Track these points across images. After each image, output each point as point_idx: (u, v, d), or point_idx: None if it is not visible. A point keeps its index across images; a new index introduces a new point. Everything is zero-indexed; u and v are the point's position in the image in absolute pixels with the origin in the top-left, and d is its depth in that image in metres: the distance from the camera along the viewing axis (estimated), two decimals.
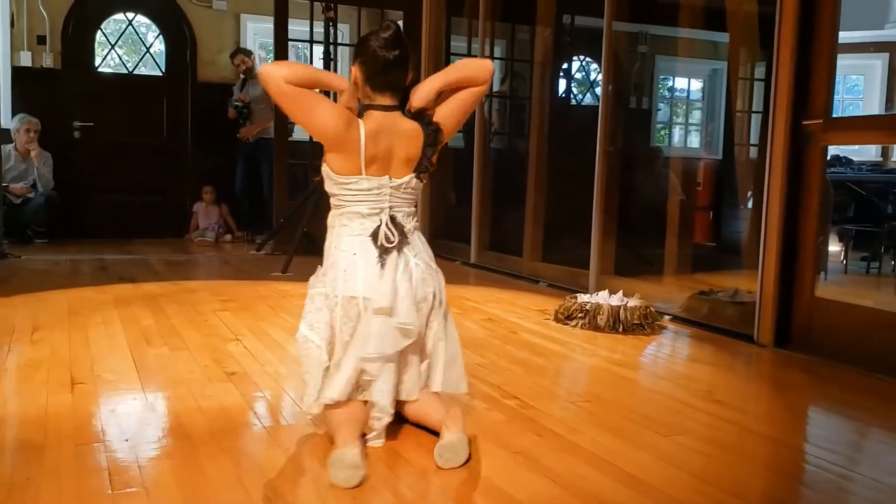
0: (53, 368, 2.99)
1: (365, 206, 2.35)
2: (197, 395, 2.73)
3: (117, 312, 4.09)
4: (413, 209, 2.44)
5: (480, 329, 4.00)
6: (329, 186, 2.39)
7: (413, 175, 2.39)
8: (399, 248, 2.35)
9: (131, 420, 2.49)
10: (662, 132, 9.58)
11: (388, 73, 2.32)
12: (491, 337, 3.82)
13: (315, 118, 2.29)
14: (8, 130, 6.97)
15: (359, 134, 2.28)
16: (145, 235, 7.60)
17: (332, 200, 2.41)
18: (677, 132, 9.70)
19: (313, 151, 6.81)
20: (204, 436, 2.34)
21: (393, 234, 2.33)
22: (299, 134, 7.54)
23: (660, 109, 9.37)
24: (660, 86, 9.32)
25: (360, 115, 2.34)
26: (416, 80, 2.43)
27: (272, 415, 2.63)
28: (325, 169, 2.37)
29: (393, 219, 2.36)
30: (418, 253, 2.41)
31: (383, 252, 2.33)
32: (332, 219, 2.42)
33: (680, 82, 9.57)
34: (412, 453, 2.25)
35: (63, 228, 7.19)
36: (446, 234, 7.12)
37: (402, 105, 2.38)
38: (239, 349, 3.41)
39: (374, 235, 2.33)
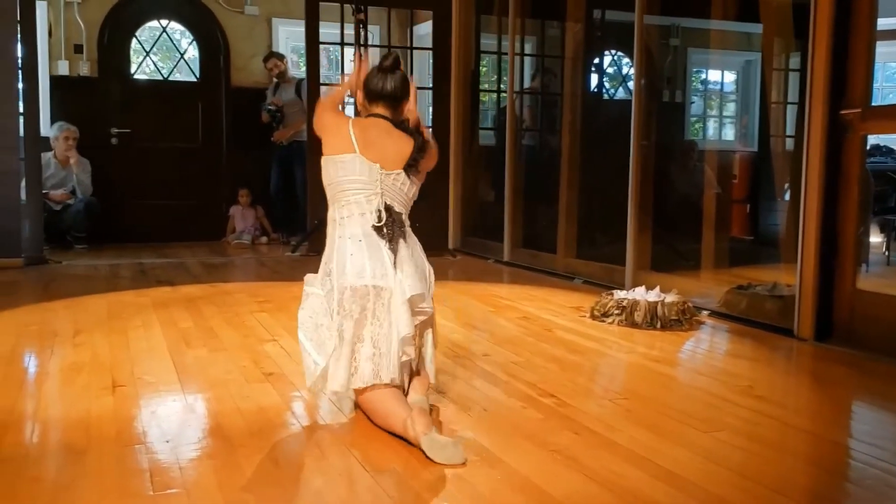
0: (95, 371, 3.04)
1: (361, 195, 2.52)
2: (235, 395, 2.76)
3: (156, 315, 4.14)
4: (406, 211, 2.62)
5: (515, 327, 3.99)
6: (326, 177, 2.61)
7: (403, 171, 2.56)
8: (401, 237, 2.56)
9: (171, 421, 2.53)
10: (696, 125, 9.48)
11: (382, 87, 2.61)
12: (526, 335, 3.80)
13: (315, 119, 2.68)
14: (47, 138, 7.10)
15: (347, 120, 2.59)
16: (183, 239, 7.69)
17: (329, 193, 2.63)
18: (711, 125, 9.59)
19: None
20: (243, 436, 2.36)
21: (388, 215, 2.52)
22: None
23: (693, 102, 9.27)
24: (693, 79, 9.22)
25: None
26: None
27: (310, 415, 2.65)
28: (322, 160, 2.61)
29: (389, 208, 2.54)
30: (414, 245, 2.63)
31: (390, 240, 2.51)
32: (333, 212, 2.63)
33: (713, 75, 9.45)
34: None
35: (102, 234, 7.30)
36: (478, 232, 7.12)
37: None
38: (276, 350, 3.44)
39: (378, 225, 2.52)
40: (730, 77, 9.48)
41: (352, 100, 2.81)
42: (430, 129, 2.84)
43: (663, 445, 2.32)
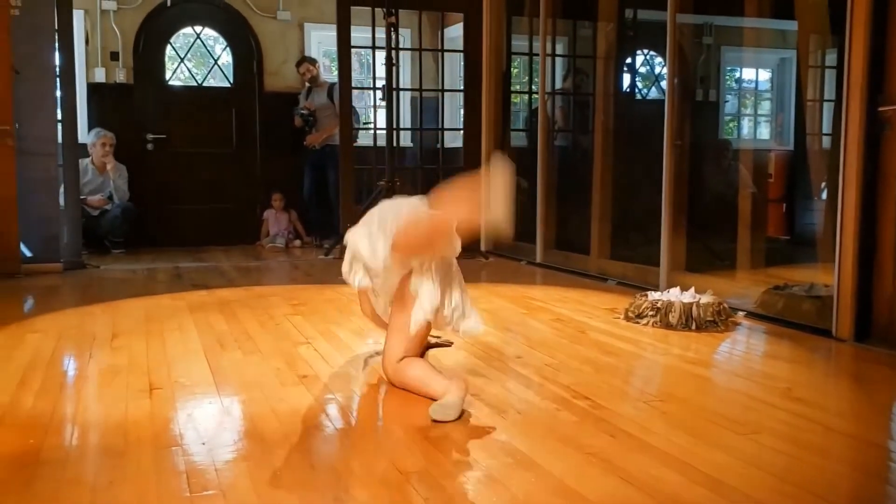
0: (132, 374, 3.08)
1: None
2: (270, 398, 2.77)
3: (192, 318, 4.19)
4: None
5: (549, 329, 3.97)
6: None
7: None
8: None
9: (207, 424, 2.55)
10: (731, 124, 9.38)
11: None
12: (559, 337, 3.78)
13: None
14: (85, 145, 7.21)
15: None
16: (218, 243, 7.77)
17: None
18: (746, 123, 9.48)
19: (377, 157, 6.87)
20: (278, 438, 2.37)
21: None
22: (364, 140, 7.63)
23: (727, 101, 9.17)
24: (727, 77, 9.12)
25: None
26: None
27: (344, 417, 2.66)
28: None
29: None
30: None
31: None
32: None
33: (747, 73, 9.34)
34: (478, 452, 2.24)
35: (139, 238, 7.40)
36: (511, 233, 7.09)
37: None
38: (310, 352, 3.46)
39: None
40: (764, 75, 9.37)
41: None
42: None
43: (701, 448, 2.29)
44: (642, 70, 8.49)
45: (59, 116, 5.99)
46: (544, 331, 3.93)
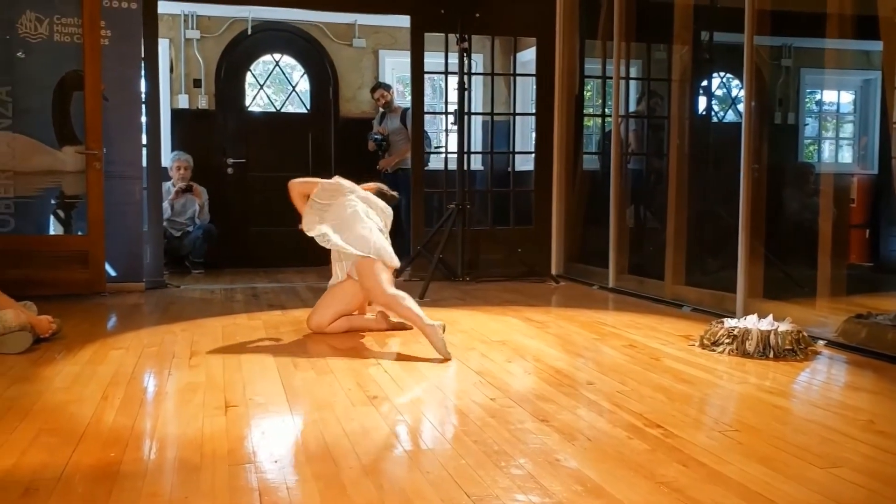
0: (209, 392, 3.16)
1: None
2: (341, 417, 2.81)
3: (267, 338, 4.28)
4: None
5: (621, 355, 3.92)
6: None
7: None
8: None
9: (280, 442, 2.60)
10: (811, 148, 9.14)
11: None
12: (632, 363, 3.73)
13: None
14: (167, 169, 7.45)
15: None
16: (293, 264, 7.91)
17: None
18: (827, 147, 9.23)
19: (448, 180, 6.93)
20: (348, 458, 2.40)
21: None
22: (435, 163, 7.70)
23: (807, 124, 8.95)
24: (807, 99, 8.90)
25: None
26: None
27: (412, 439, 2.67)
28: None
29: None
30: None
31: None
32: None
33: (829, 95, 9.11)
34: (547, 479, 2.22)
35: (219, 259, 7.59)
36: (582, 257, 7.05)
37: None
38: (379, 373, 3.49)
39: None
40: (846, 97, 9.11)
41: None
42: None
43: (777, 480, 2.23)
44: (718, 93, 8.36)
45: (144, 141, 6.21)
46: (616, 357, 3.88)
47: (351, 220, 4.34)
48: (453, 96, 6.90)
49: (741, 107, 5.49)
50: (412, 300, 4.07)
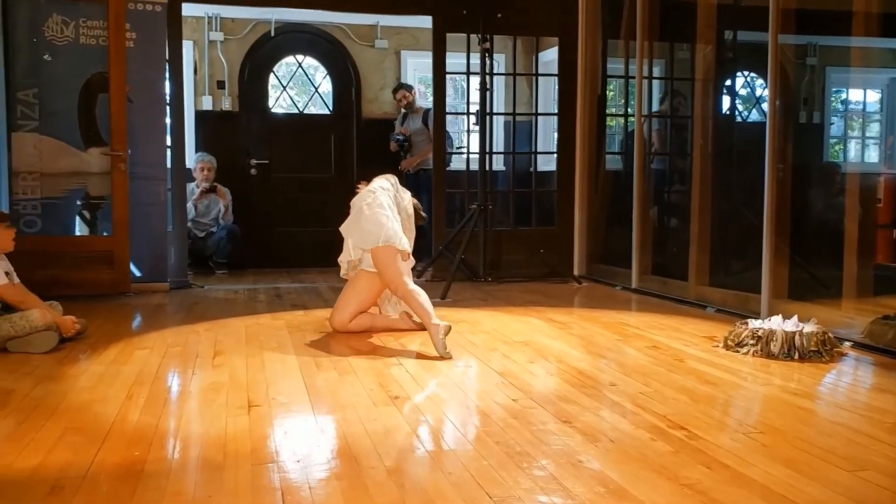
0: (232, 391, 3.18)
1: None
2: (363, 417, 2.82)
3: (290, 338, 4.30)
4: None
5: (644, 357, 3.90)
6: None
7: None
8: None
9: (302, 441, 2.61)
10: (836, 147, 9.04)
11: None
12: (655, 365, 3.71)
13: None
14: (191, 170, 7.51)
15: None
16: (316, 264, 7.94)
17: None
18: (853, 146, 9.12)
19: (469, 181, 6.92)
20: (370, 458, 2.41)
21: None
22: (457, 164, 7.70)
23: (833, 123, 8.85)
24: (832, 98, 8.81)
25: None
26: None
27: (434, 439, 2.67)
28: None
29: None
30: None
31: None
32: None
33: (854, 94, 9.00)
34: (570, 480, 2.21)
35: (242, 259, 7.64)
36: (605, 258, 7.02)
37: None
38: (401, 373, 3.49)
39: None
40: (873, 96, 9.00)
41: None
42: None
43: (802, 483, 2.21)
44: (742, 92, 8.29)
45: (168, 142, 6.26)
46: (639, 358, 3.86)
47: (357, 215, 4.42)
48: (475, 97, 6.90)
49: (765, 106, 5.44)
50: (426, 297, 4.13)
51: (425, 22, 7.21)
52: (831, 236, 5.35)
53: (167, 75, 6.20)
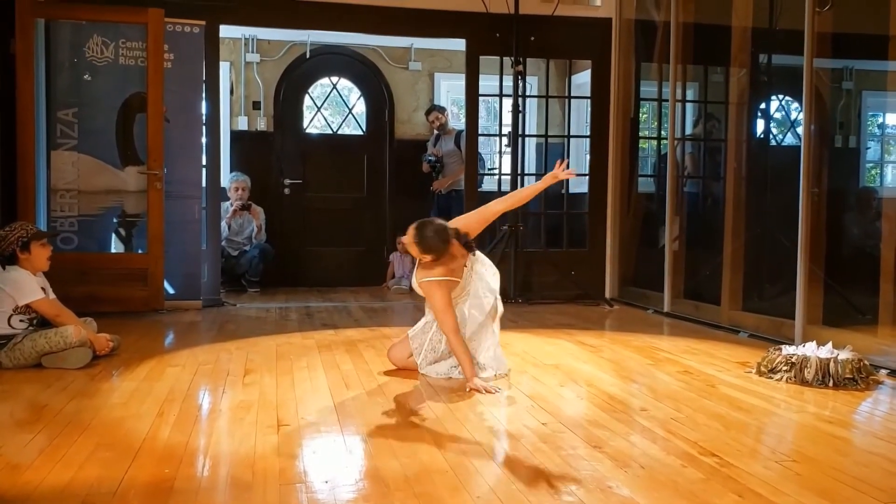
0: (262, 410, 3.20)
1: None
2: (391, 438, 2.81)
3: (320, 357, 4.31)
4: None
5: (676, 382, 3.86)
6: None
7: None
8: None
9: (331, 462, 2.61)
10: (873, 171, 8.92)
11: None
12: (687, 390, 3.67)
13: None
14: (226, 189, 7.60)
15: None
16: (347, 284, 7.99)
17: None
18: (890, 171, 9.00)
19: None
20: (398, 480, 2.40)
21: None
22: (488, 185, 7.71)
23: (869, 147, 8.75)
24: (868, 122, 8.71)
25: None
26: None
27: (462, 462, 2.66)
28: None
29: None
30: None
31: None
32: None
33: (891, 118, 8.89)
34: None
35: (274, 278, 7.70)
36: (637, 281, 6.97)
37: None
38: (430, 394, 3.49)
39: None
40: None
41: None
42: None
43: None
44: (777, 116, 8.23)
45: (204, 162, 6.35)
46: (671, 383, 3.82)
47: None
48: (507, 118, 6.92)
49: (800, 130, 5.39)
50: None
51: (459, 45, 7.26)
52: (867, 261, 5.28)
53: (204, 95, 6.31)
